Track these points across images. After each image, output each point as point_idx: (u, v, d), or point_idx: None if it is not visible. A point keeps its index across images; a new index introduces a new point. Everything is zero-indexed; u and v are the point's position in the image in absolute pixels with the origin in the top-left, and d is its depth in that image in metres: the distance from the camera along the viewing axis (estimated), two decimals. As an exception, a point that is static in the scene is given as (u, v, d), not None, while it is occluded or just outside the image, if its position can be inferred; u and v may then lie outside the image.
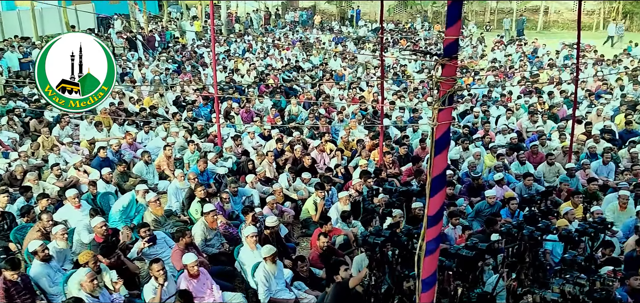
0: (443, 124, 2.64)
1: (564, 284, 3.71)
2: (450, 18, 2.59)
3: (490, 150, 11.84)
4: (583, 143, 12.42)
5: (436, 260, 2.90)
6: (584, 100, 16.66)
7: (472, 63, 23.21)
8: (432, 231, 2.80)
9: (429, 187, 2.79)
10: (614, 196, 9.52)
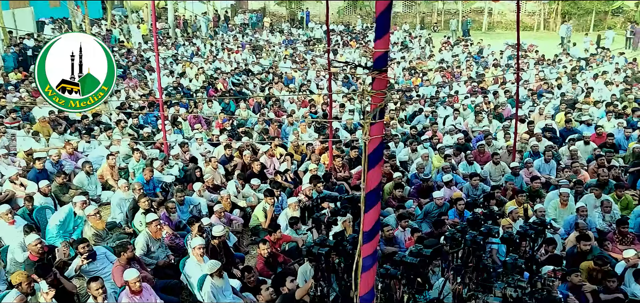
0: (375, 138, 2.57)
1: (506, 288, 3.74)
2: (378, 30, 2.52)
3: (438, 151, 12.00)
4: (526, 142, 12.76)
5: (374, 276, 2.84)
6: (527, 100, 17.16)
7: (421, 64, 23.56)
8: (367, 247, 2.74)
9: (363, 203, 2.72)
10: (556, 194, 9.82)
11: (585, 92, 17.41)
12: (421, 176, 10.67)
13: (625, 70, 20.51)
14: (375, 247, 2.79)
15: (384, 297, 4.38)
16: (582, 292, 7.08)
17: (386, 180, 10.82)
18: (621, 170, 11.35)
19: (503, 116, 15.36)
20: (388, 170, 10.98)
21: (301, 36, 31.83)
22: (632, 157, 11.81)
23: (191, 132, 13.95)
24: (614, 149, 12.38)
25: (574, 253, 7.92)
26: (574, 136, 13.19)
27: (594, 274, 7.41)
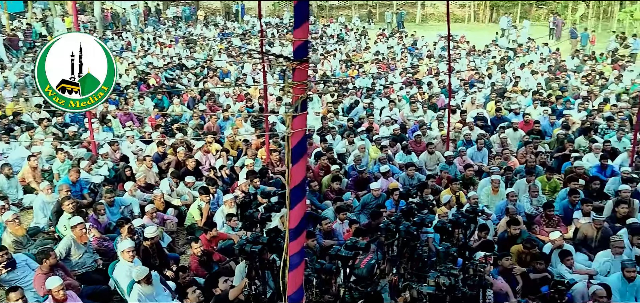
0: (298, 131, 2.47)
1: (439, 276, 3.76)
2: (297, 19, 2.42)
3: (375, 142, 12.08)
4: (459, 131, 13.08)
5: (302, 274, 2.75)
6: (459, 90, 17.62)
7: (357, 56, 23.73)
8: (294, 244, 2.64)
9: (289, 199, 2.62)
10: (487, 180, 10.11)
11: (513, 81, 18.10)
12: (358, 168, 10.70)
13: (549, 60, 21.48)
14: (302, 245, 2.69)
15: (321, 292, 4.31)
16: (512, 275, 7.31)
17: (324, 173, 10.80)
18: (547, 155, 11.85)
19: (437, 106, 15.69)
20: (326, 163, 10.95)
21: (236, 29, 31.33)
22: (556, 143, 12.35)
23: (122, 130, 13.39)
24: (541, 135, 12.91)
25: (505, 238, 8.17)
26: (504, 124, 13.64)
27: (523, 257, 7.66)
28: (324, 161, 10.92)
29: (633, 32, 24.28)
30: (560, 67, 20.32)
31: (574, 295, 6.87)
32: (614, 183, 9.94)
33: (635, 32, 23.93)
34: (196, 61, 21.78)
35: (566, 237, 8.66)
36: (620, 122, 13.13)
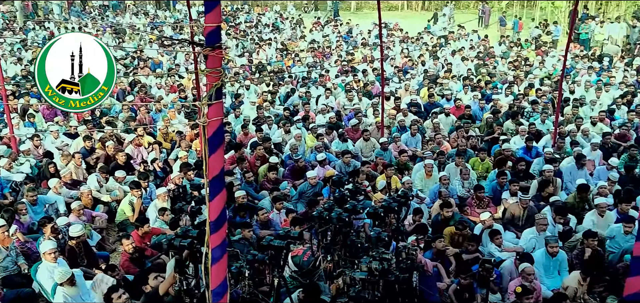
0: (214, 120, 2.37)
1: (371, 262, 3.78)
2: (208, 3, 2.32)
3: (311, 130, 12.07)
4: (394, 117, 13.28)
5: (225, 268, 2.66)
6: (394, 77, 17.89)
7: (292, 44, 23.62)
8: (216, 237, 2.55)
9: (208, 191, 2.52)
10: (421, 165, 10.33)
11: (445, 67, 18.56)
12: (294, 157, 10.66)
13: (478, 47, 22.19)
14: (223, 237, 2.61)
15: (254, 284, 4.24)
16: (446, 256, 7.51)
17: (260, 163, 10.69)
18: (477, 139, 12.25)
19: (372, 93, 15.84)
20: (262, 153, 10.85)
21: (168, 18, 30.42)
22: (486, 127, 12.79)
23: (46, 125, 12.70)
24: (471, 120, 13.33)
25: (439, 221, 8.38)
26: (437, 110, 13.97)
27: (456, 238, 7.89)
28: (260, 151, 10.81)
29: (554, 19, 25.45)
30: (488, 53, 21.03)
31: (503, 272, 7.15)
32: (538, 163, 10.40)
33: (556, 20, 25.09)
34: (125, 52, 20.98)
35: (495, 217, 8.99)
36: (543, 106, 13.76)
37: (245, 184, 9.68)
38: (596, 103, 14.17)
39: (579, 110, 13.48)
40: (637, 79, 17.20)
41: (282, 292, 4.63)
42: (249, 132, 12.14)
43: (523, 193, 8.85)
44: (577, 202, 9.03)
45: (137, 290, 5.54)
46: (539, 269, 7.19)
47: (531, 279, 6.57)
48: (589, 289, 7.15)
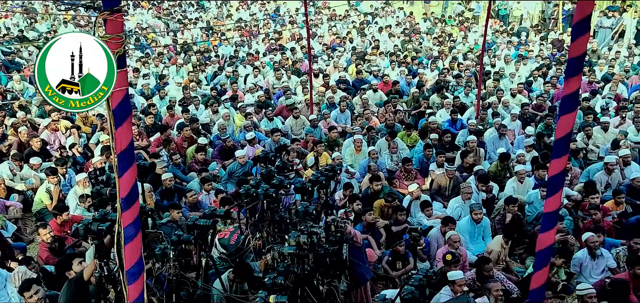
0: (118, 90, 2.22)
1: (299, 236, 3.74)
2: None
3: (239, 110, 11.86)
4: (323, 94, 13.28)
5: (139, 246, 2.53)
6: (322, 54, 17.88)
7: (218, 23, 23.07)
8: (128, 215, 2.41)
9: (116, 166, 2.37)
10: (350, 141, 10.40)
11: (372, 44, 18.76)
12: (222, 137, 10.44)
13: (405, 23, 22.58)
14: (136, 215, 2.47)
15: (181, 266, 4.10)
16: (376, 228, 7.62)
17: (188, 144, 10.41)
18: (405, 113, 12.49)
19: (301, 71, 15.77)
20: (189, 134, 10.56)
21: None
22: (413, 101, 13.06)
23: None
24: (399, 95, 13.55)
25: (368, 194, 8.48)
26: (365, 86, 14.10)
27: (385, 210, 8.02)
28: (187, 132, 10.51)
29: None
30: (414, 29, 21.45)
31: (430, 241, 7.35)
32: (463, 135, 10.74)
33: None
34: (38, 32, 19.73)
35: (424, 188, 9.21)
36: (467, 79, 14.20)
37: (172, 166, 9.39)
38: (515, 75, 14.80)
39: (500, 83, 14.03)
40: (551, 52, 18.10)
41: (212, 273, 4.52)
42: (175, 114, 11.77)
43: (449, 164, 9.11)
44: (499, 171, 9.41)
45: (60, 279, 5.22)
46: (464, 236, 7.46)
47: (457, 246, 6.79)
48: (510, 252, 7.49)
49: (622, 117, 11.22)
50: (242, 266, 4.93)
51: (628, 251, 6.92)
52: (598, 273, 6.71)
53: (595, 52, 17.19)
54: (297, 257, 3.80)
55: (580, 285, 5.68)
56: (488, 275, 6.24)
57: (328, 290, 4.35)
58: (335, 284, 4.51)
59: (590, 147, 10.36)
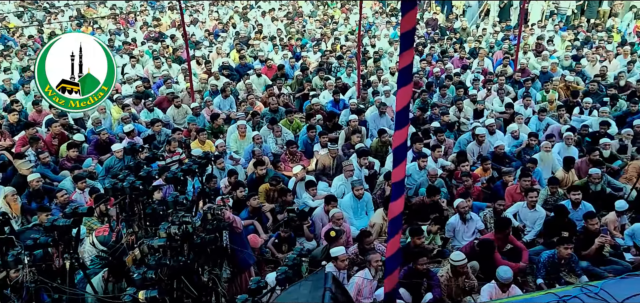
0: None
1: (170, 227, 3.60)
2: None
3: (116, 101, 11.23)
4: (206, 82, 12.96)
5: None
6: (204, 40, 17.44)
7: (90, 12, 21.67)
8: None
9: None
10: (235, 127, 10.26)
11: (256, 29, 18.60)
12: (97, 130, 9.84)
13: (288, 7, 22.65)
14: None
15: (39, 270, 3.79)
16: (262, 212, 7.61)
17: (58, 141, 9.69)
18: (290, 96, 12.54)
19: (183, 59, 15.26)
20: (59, 130, 9.82)
21: None
22: (297, 84, 13.14)
23: None
24: (284, 78, 13.57)
25: (254, 179, 8.42)
26: (249, 71, 13.96)
27: (271, 194, 8.02)
28: (57, 128, 9.76)
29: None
30: (298, 13, 21.57)
31: (315, 220, 7.46)
32: (345, 114, 10.99)
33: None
34: None
35: (309, 169, 9.33)
36: (348, 60, 14.55)
37: (41, 166, 8.69)
38: (393, 55, 15.40)
39: (380, 63, 14.52)
40: (426, 31, 19.06)
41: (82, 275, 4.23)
42: (42, 109, 10.88)
43: (332, 144, 9.29)
44: (379, 147, 9.74)
45: None
46: (347, 212, 7.66)
47: (340, 223, 6.95)
48: (392, 223, 7.81)
49: (488, 89, 12.09)
50: (118, 264, 4.67)
51: (493, 213, 7.49)
52: (469, 236, 7.20)
53: (464, 30, 18.37)
54: (169, 248, 3.66)
55: (453, 255, 6.01)
56: (369, 248, 6.47)
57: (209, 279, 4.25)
58: (216, 272, 4.41)
59: (462, 119, 11.06)
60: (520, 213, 7.51)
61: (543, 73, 13.20)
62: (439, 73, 13.41)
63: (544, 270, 6.38)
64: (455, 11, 21.02)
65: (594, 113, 10.75)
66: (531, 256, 6.76)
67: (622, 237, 7.05)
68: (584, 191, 7.77)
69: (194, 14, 20.69)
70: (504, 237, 6.64)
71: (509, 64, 13.88)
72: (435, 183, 8.11)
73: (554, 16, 19.64)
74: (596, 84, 12.01)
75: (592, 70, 13.42)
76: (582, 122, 10.34)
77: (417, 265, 5.93)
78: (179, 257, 3.84)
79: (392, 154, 3.47)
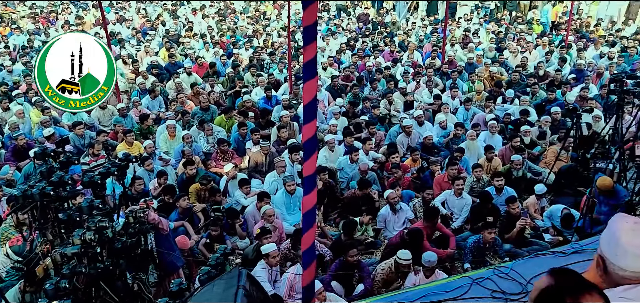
0: None
1: (85, 233, 3.44)
2: None
3: (36, 104, 10.67)
4: (133, 81, 12.54)
5: None
6: (131, 39, 16.89)
7: (7, 10, 20.48)
8: None
9: None
10: (164, 127, 9.97)
11: (186, 26, 18.19)
12: (14, 135, 9.32)
13: (219, 3, 22.28)
14: None
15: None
16: (194, 213, 7.45)
17: (-28, 149, 9.11)
18: (221, 94, 12.34)
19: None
20: (-28, 137, 9.23)
21: None
22: (228, 82, 12.96)
23: None
24: (216, 75, 13.35)
25: (184, 179, 8.23)
26: (179, 69, 13.63)
27: (201, 194, 7.86)
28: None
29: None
30: (230, 9, 21.29)
31: (247, 218, 7.38)
32: (278, 111, 10.94)
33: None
34: None
35: (242, 167, 9.23)
36: (280, 56, 14.49)
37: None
38: (325, 49, 15.47)
39: (311, 58, 14.52)
40: (358, 26, 19.29)
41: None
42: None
43: (264, 141, 9.22)
44: (312, 141, 9.74)
45: None
46: (280, 208, 7.63)
47: (272, 219, 6.91)
48: (325, 217, 7.86)
49: (417, 82, 12.37)
50: (31, 274, 4.43)
51: (422, 202, 7.68)
52: (400, 226, 7.33)
53: (395, 24, 18.73)
54: (85, 256, 3.50)
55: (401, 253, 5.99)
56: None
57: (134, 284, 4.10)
58: (140, 277, 4.26)
59: (392, 112, 11.26)
60: (448, 201, 7.74)
61: (469, 64, 13.67)
62: (370, 67, 13.60)
63: (471, 254, 6.59)
64: (386, 6, 21.38)
65: (516, 102, 11.24)
66: (459, 242, 6.98)
67: (542, 218, 7.41)
68: (507, 177, 8.12)
69: (120, 11, 19.98)
70: (432, 225, 6.82)
71: (437, 57, 14.27)
72: (366, 176, 8.21)
73: (479, 9, 20.38)
74: (518, 73, 12.58)
75: (514, 61, 14.02)
76: (505, 111, 10.78)
77: (347, 258, 5.98)
78: (97, 264, 3.68)
79: (304, 148, 3.43)
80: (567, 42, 14.99)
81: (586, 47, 15.09)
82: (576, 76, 12.66)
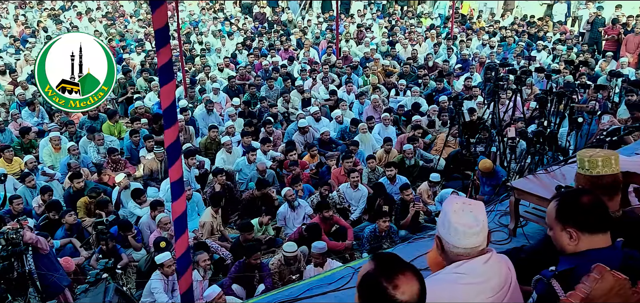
0: None
1: None
2: None
3: None
4: (12, 93, 11.65)
5: None
6: (10, 47, 15.66)
7: None
8: None
9: None
10: (47, 139, 9.32)
11: (71, 31, 17.14)
12: None
13: (107, 6, 21.24)
14: None
15: None
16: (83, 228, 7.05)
17: None
18: (112, 101, 11.78)
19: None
20: None
21: None
22: (120, 88, 12.37)
23: None
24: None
25: (71, 193, 7.78)
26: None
27: (91, 207, 7.46)
28: None
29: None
30: (119, 12, 20.37)
31: (142, 228, 7.12)
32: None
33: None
34: None
35: (137, 176, 8.88)
36: (176, 58, 14.06)
37: None
38: (221, 50, 15.24)
39: (207, 59, 14.27)
40: (254, 25, 19.19)
41: None
42: None
43: (158, 147, 8.91)
44: (209, 144, 9.59)
45: None
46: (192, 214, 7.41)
47: (168, 227, 6.69)
48: (225, 220, 7.74)
49: (314, 78, 12.53)
50: None
51: (320, 197, 7.79)
52: (299, 222, 7.38)
53: (291, 22, 18.84)
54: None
55: (286, 245, 6.06)
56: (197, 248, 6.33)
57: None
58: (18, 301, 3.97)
59: (290, 110, 11.31)
60: (345, 194, 7.91)
61: (365, 59, 14.05)
62: (267, 66, 13.57)
63: (368, 244, 6.78)
64: (281, 4, 21.44)
65: (407, 93, 11.71)
66: (356, 233, 7.15)
67: (434, 204, 7.77)
68: (401, 166, 8.45)
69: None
70: (327, 219, 6.93)
71: (332, 53, 14.52)
72: (265, 175, 8.19)
73: (371, 5, 21.00)
74: (409, 66, 13.11)
75: (405, 54, 14.61)
76: (398, 103, 11.20)
77: (250, 260, 5.92)
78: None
79: (167, 152, 3.37)
80: (453, 34, 15.86)
81: (470, 38, 16.05)
82: (462, 66, 13.44)
